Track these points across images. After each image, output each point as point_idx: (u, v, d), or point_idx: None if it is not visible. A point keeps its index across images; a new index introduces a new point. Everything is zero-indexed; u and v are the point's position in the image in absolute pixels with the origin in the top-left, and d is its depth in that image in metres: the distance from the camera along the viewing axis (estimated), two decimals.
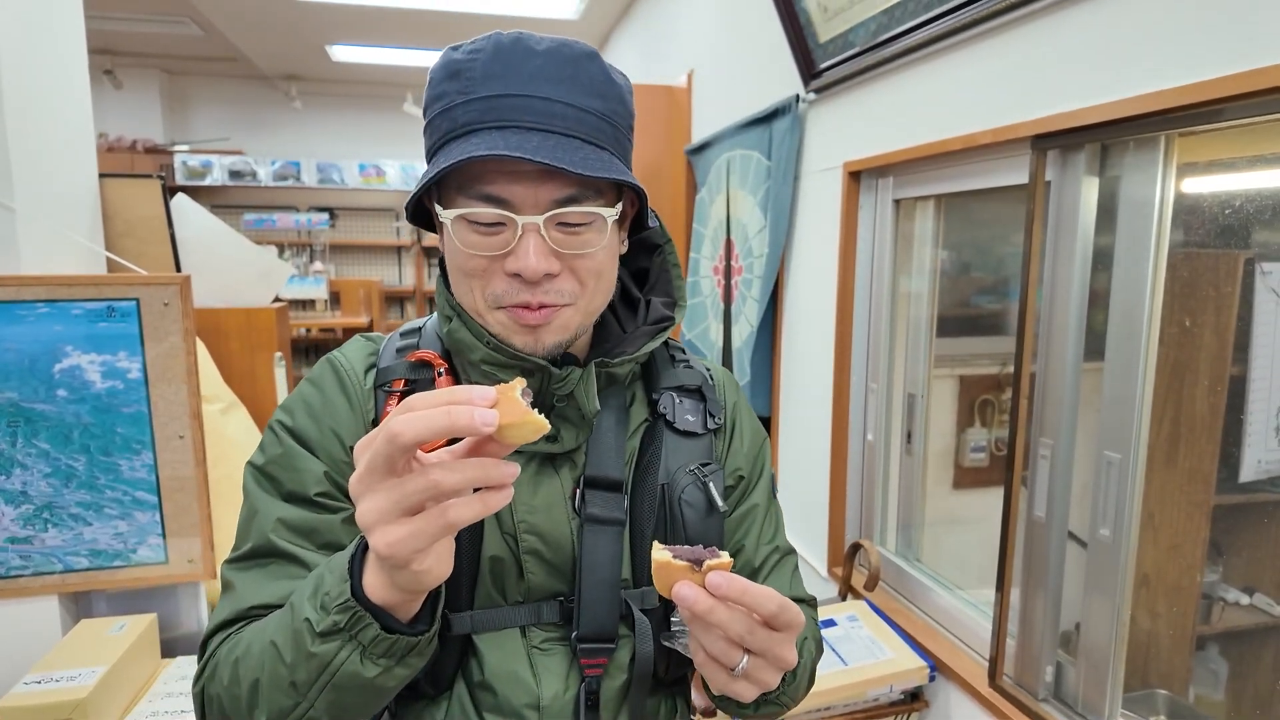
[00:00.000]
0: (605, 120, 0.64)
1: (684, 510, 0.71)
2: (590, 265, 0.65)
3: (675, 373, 0.77)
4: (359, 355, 0.72)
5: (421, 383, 0.70)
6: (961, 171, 1.45)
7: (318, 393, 0.70)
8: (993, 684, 1.33)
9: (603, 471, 0.70)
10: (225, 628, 0.64)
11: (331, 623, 0.52)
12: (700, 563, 0.53)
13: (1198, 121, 0.97)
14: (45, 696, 1.23)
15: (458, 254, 0.64)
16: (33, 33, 1.53)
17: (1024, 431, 1.26)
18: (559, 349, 0.67)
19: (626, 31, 4.09)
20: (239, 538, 0.68)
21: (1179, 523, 1.40)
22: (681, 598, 0.52)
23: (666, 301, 0.75)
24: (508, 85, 0.61)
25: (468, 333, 0.66)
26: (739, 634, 0.53)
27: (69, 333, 1.46)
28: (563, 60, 0.62)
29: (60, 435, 1.49)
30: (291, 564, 0.65)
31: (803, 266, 1.99)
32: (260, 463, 0.69)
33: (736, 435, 0.80)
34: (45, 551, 1.51)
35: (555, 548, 0.69)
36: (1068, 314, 1.20)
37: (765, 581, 0.78)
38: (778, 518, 0.83)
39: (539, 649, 0.69)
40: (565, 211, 0.62)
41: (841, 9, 1.61)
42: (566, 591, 0.70)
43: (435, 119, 0.64)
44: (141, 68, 5.80)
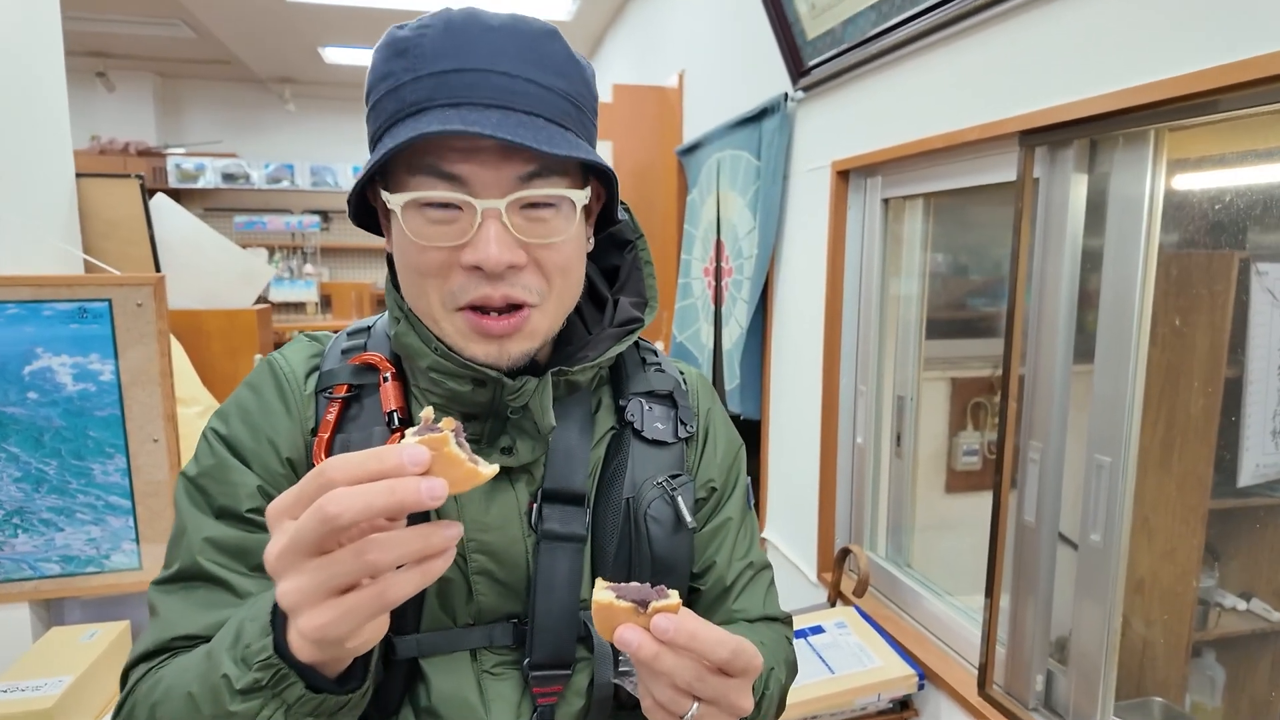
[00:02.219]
0: (569, 101, 0.59)
1: (649, 526, 0.66)
2: (557, 258, 0.60)
3: (645, 377, 0.72)
4: (300, 357, 0.67)
5: (366, 388, 0.64)
6: (950, 169, 1.42)
7: (255, 397, 0.65)
8: (982, 693, 1.30)
9: (563, 484, 0.65)
10: (147, 659, 0.59)
11: (252, 680, 0.48)
12: (646, 604, 0.49)
13: (1187, 115, 0.94)
14: (8, 707, 1.20)
15: (408, 249, 0.58)
16: (5, 33, 1.50)
17: (1013, 434, 1.24)
18: (524, 360, 0.62)
19: (619, 33, 4.07)
20: (168, 556, 0.63)
21: (1174, 527, 1.37)
22: (624, 643, 0.48)
23: (636, 302, 0.70)
24: (461, 60, 0.56)
25: (415, 337, 0.61)
26: (687, 681, 0.49)
27: (40, 334, 1.43)
28: (521, 36, 0.57)
29: (31, 439, 1.46)
30: (220, 589, 0.60)
31: (792, 267, 1.97)
32: (193, 474, 0.64)
33: (709, 444, 0.75)
34: (15, 558, 1.48)
35: (508, 567, 0.65)
36: (1057, 314, 1.17)
37: (738, 599, 0.74)
38: (752, 531, 0.78)
39: (490, 673, 0.65)
40: (530, 193, 0.57)
41: (830, 4, 1.58)
42: (521, 613, 0.65)
43: (380, 100, 0.58)
44: (134, 70, 5.78)
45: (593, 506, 0.67)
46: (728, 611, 0.73)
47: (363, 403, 0.64)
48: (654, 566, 0.66)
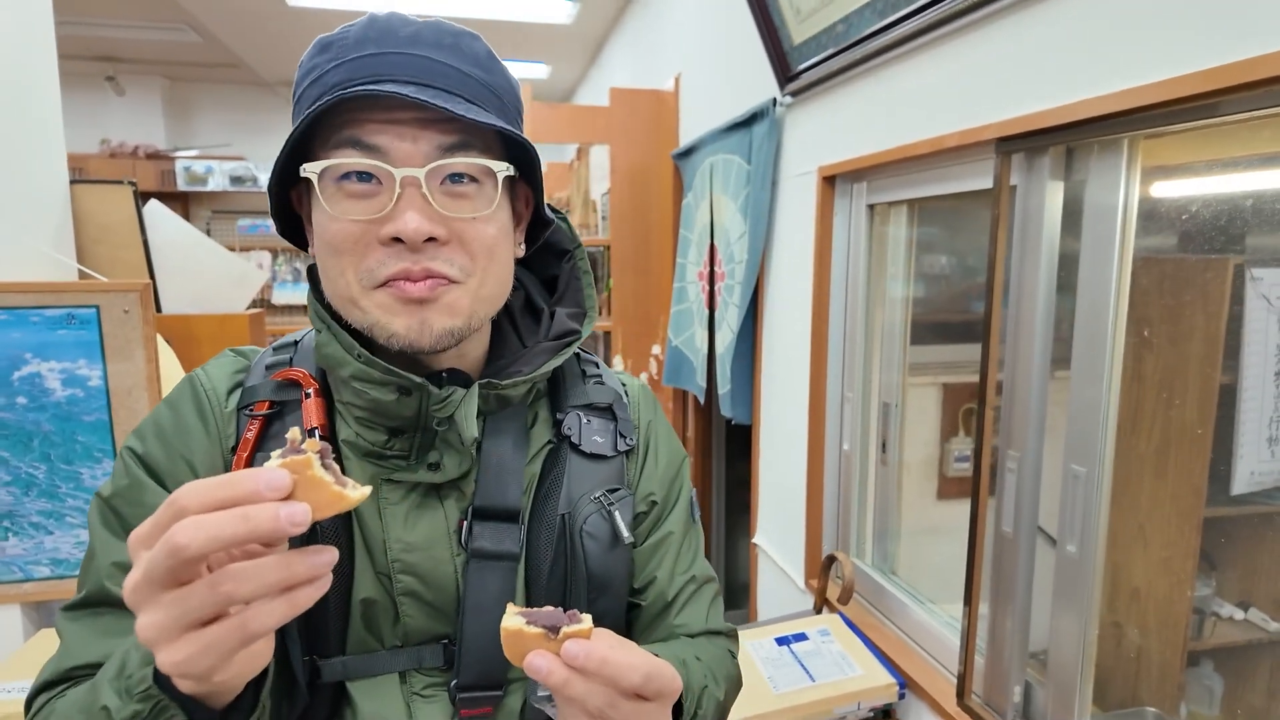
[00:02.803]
0: (490, 90, 0.59)
1: (585, 542, 0.65)
2: (480, 236, 0.58)
3: (584, 389, 0.71)
4: (223, 373, 0.65)
5: (289, 405, 0.62)
6: (931, 175, 1.41)
7: (172, 415, 0.63)
8: (961, 703, 1.29)
9: (495, 501, 0.63)
10: (48, 689, 0.57)
11: (132, 712, 0.46)
12: (557, 629, 0.49)
13: (1159, 122, 0.94)
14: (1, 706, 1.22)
15: (327, 227, 0.56)
16: None
17: (990, 442, 1.23)
18: (449, 337, 0.58)
19: (619, 37, 4.08)
20: (79, 580, 0.61)
21: (1169, 536, 1.36)
22: (534, 670, 0.47)
23: (574, 313, 0.69)
24: (382, 46, 0.56)
25: (337, 346, 0.59)
26: (598, 707, 0.49)
27: (28, 340, 1.45)
28: (442, 31, 0.58)
29: (20, 443, 1.48)
30: (126, 616, 0.56)
31: (781, 272, 1.96)
32: (107, 494, 0.62)
33: (650, 457, 0.74)
34: (6, 560, 1.50)
35: (436, 588, 0.63)
36: (1034, 321, 1.16)
37: (680, 613, 0.73)
38: (696, 544, 0.76)
39: (420, 695, 0.63)
40: (450, 161, 0.55)
41: (814, 10, 1.58)
42: (451, 634, 0.64)
43: (304, 91, 0.58)
44: (143, 74, 5.84)
45: (527, 523, 0.66)
46: (669, 627, 0.72)
47: (284, 420, 0.62)
48: (590, 584, 0.65)
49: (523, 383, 0.64)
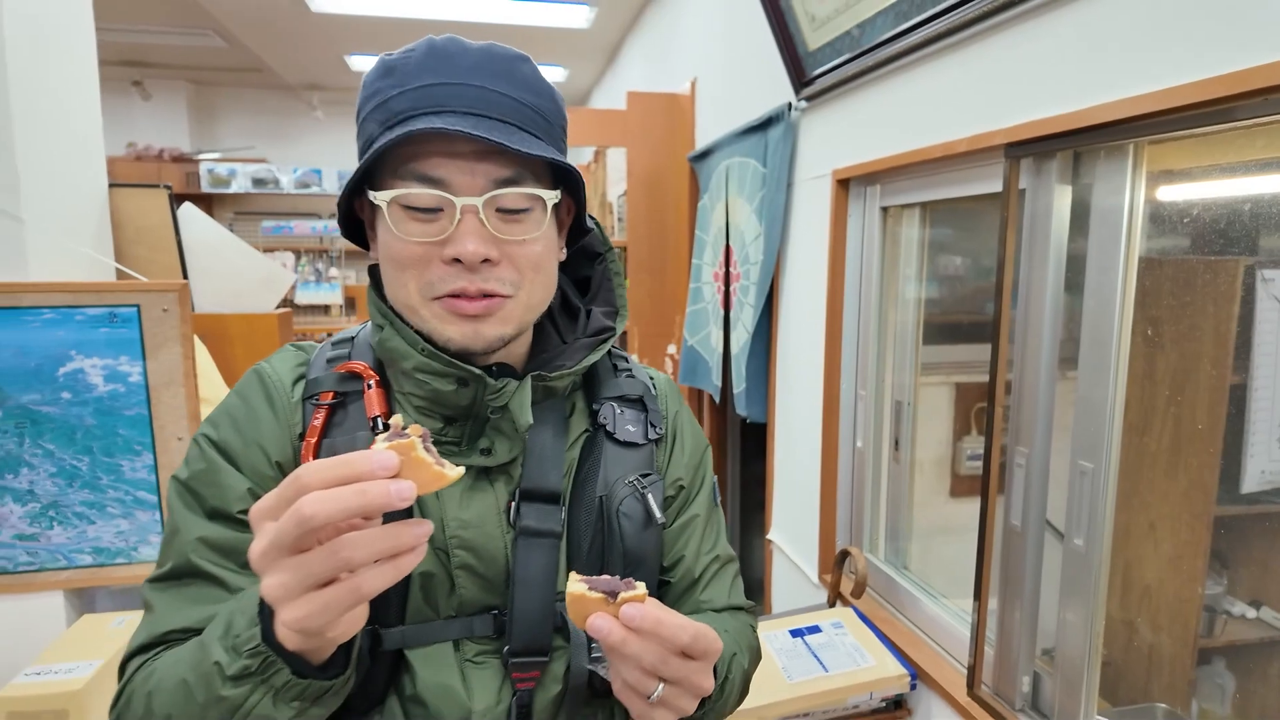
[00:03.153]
0: (539, 114, 0.64)
1: (621, 522, 0.70)
2: (529, 255, 0.64)
3: (617, 382, 0.77)
4: (287, 366, 0.70)
5: (350, 395, 0.68)
6: (943, 179, 1.45)
7: (243, 405, 0.68)
8: (971, 693, 1.32)
9: (539, 484, 0.69)
10: (143, 652, 0.63)
11: (242, 666, 0.51)
12: (615, 594, 0.54)
13: (1164, 129, 0.97)
14: (42, 688, 1.28)
15: (393, 244, 0.62)
16: (42, 45, 1.59)
17: (999, 439, 1.26)
18: (499, 343, 0.65)
19: (635, 41, 4.13)
20: (161, 555, 0.66)
21: (1180, 534, 1.38)
22: (595, 629, 0.53)
23: (608, 311, 0.75)
24: (442, 76, 0.61)
25: (400, 340, 0.65)
26: (652, 664, 0.54)
27: (73, 338, 1.52)
28: (496, 57, 0.63)
29: (65, 436, 1.54)
30: (212, 585, 0.63)
31: (796, 273, 2.00)
32: (184, 477, 0.67)
33: (677, 445, 0.79)
34: (51, 548, 1.57)
35: (488, 561, 0.68)
36: (1042, 322, 1.19)
37: (705, 590, 0.78)
38: (719, 526, 0.82)
39: (472, 662, 0.68)
40: (505, 193, 0.61)
41: (828, 18, 1.62)
42: (500, 605, 0.69)
43: (370, 114, 0.64)
44: (169, 79, 5.95)
45: (568, 504, 0.71)
46: (695, 602, 0.78)
47: (347, 409, 0.67)
48: (625, 560, 0.70)
49: (567, 375, 0.69)
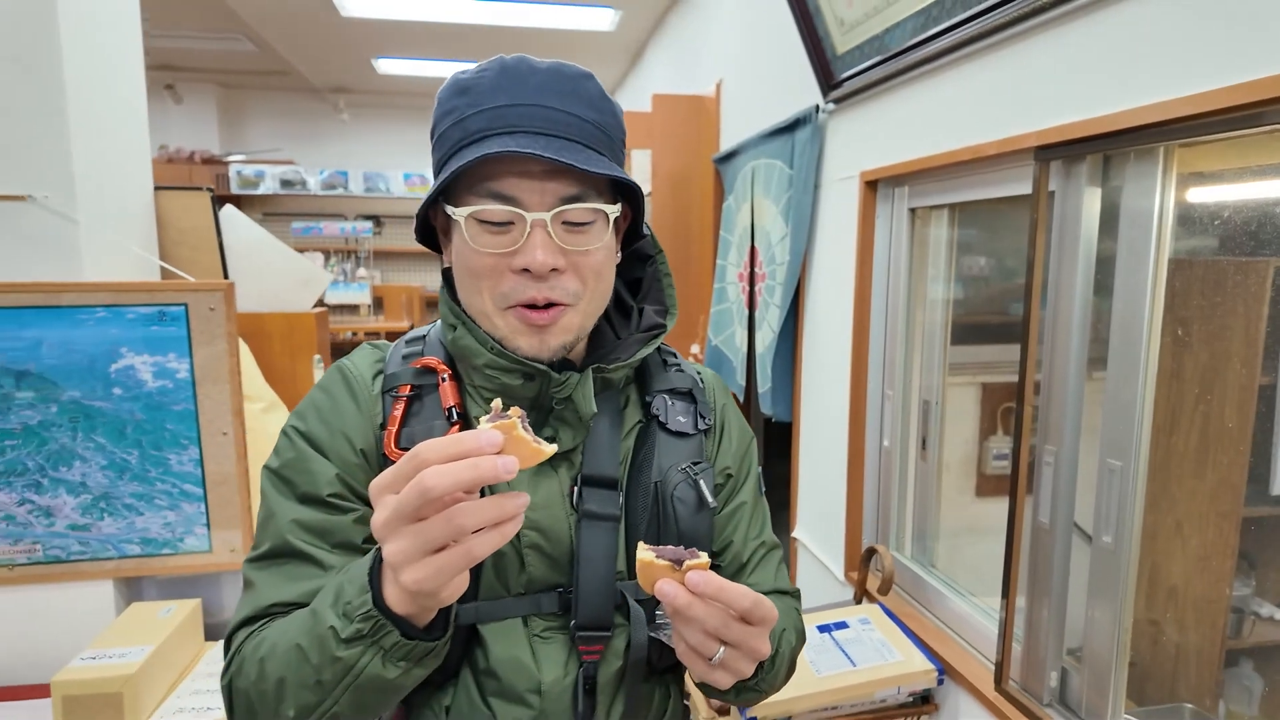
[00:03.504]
0: (601, 130, 0.69)
1: (676, 506, 0.74)
2: (591, 264, 0.69)
3: (667, 376, 0.81)
4: (366, 362, 0.76)
5: (426, 388, 0.73)
6: (971, 181, 1.47)
7: (328, 398, 0.74)
8: (999, 688, 1.34)
9: (599, 470, 0.74)
10: (248, 624, 0.68)
11: (355, 630, 0.56)
12: (681, 562, 0.58)
13: (1194, 133, 0.98)
14: (98, 671, 1.33)
15: (468, 255, 0.68)
16: (96, 55, 1.65)
17: (1028, 438, 1.28)
18: (563, 351, 0.70)
19: (659, 43, 4.16)
20: (257, 537, 0.72)
21: (1207, 534, 1.39)
22: (663, 594, 0.57)
23: (658, 309, 0.79)
24: (514, 97, 0.66)
25: (472, 339, 0.70)
26: (715, 627, 0.58)
27: (124, 335, 1.58)
28: (562, 77, 0.68)
29: (116, 430, 1.60)
30: (307, 563, 0.69)
31: (822, 274, 2.02)
32: (275, 466, 0.72)
33: (725, 436, 0.83)
34: (102, 538, 1.62)
35: (554, 542, 0.73)
36: (1071, 322, 1.21)
37: (752, 574, 0.82)
38: (764, 514, 0.86)
39: (540, 637, 0.73)
40: (571, 208, 0.66)
41: (857, 21, 1.64)
42: (565, 583, 0.74)
43: (446, 130, 0.69)
44: (200, 82, 6.07)
45: (625, 490, 0.76)
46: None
47: (423, 400, 0.73)
48: (679, 542, 0.74)
49: (623, 368, 0.74)
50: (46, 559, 1.60)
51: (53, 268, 1.57)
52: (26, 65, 1.51)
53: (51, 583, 1.61)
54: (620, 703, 0.75)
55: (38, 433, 1.57)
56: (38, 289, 1.52)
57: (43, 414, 1.57)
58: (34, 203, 1.53)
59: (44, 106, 1.52)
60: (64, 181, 1.55)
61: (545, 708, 0.72)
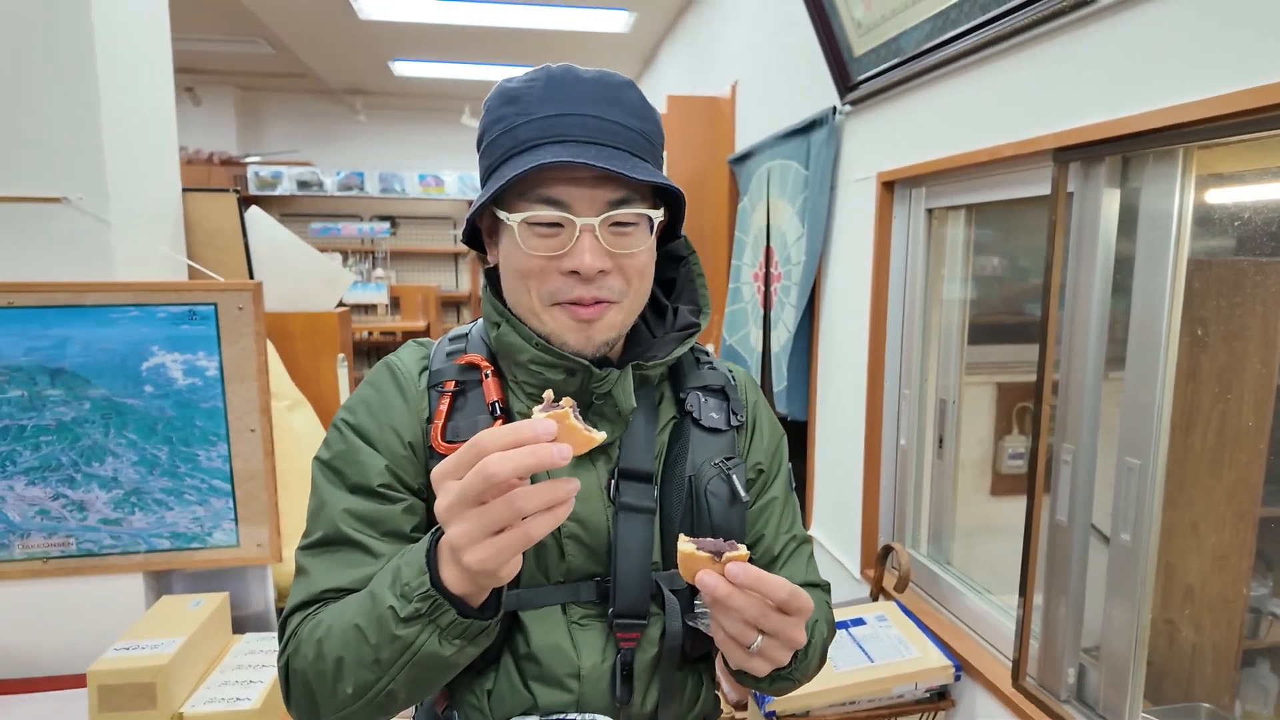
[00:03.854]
0: (644, 137, 0.72)
1: (709, 500, 0.76)
2: (635, 264, 0.72)
3: (700, 374, 0.83)
4: (413, 359, 0.79)
5: (470, 384, 0.76)
6: (989, 182, 1.48)
7: (377, 393, 0.77)
8: (1016, 684, 1.35)
9: (635, 464, 0.76)
10: (302, 609, 0.71)
11: (414, 609, 0.59)
12: (720, 554, 0.60)
13: (1215, 135, 1.00)
14: (132, 661, 1.37)
15: (518, 257, 0.71)
16: (128, 59, 1.69)
17: (1046, 437, 1.29)
18: (606, 347, 0.73)
19: (673, 45, 4.18)
20: (310, 526, 0.74)
21: (1223, 535, 1.39)
22: (703, 584, 0.59)
23: (692, 309, 0.82)
24: (563, 106, 0.69)
25: (516, 336, 0.73)
26: (754, 617, 0.60)
27: (155, 334, 1.61)
28: (607, 86, 0.71)
29: (146, 427, 1.64)
30: (358, 551, 0.71)
31: (839, 274, 2.04)
32: (326, 457, 0.76)
33: (757, 432, 0.85)
34: (132, 533, 1.66)
35: (593, 533, 0.75)
36: (1089, 322, 1.22)
37: (783, 567, 0.84)
38: (795, 509, 0.88)
39: (578, 624, 0.76)
40: (619, 213, 0.69)
41: (874, 24, 1.66)
42: (602, 573, 0.76)
43: (496, 139, 0.71)
44: (218, 85, 6.14)
45: (660, 484, 0.78)
46: None
47: (467, 395, 0.76)
48: (713, 535, 0.76)
49: (660, 365, 0.77)
50: (79, 552, 1.64)
51: (85, 268, 1.60)
52: (61, 69, 1.54)
53: (83, 576, 1.65)
54: (655, 688, 0.78)
55: (71, 429, 1.61)
56: (74, 289, 1.56)
57: (76, 410, 1.61)
58: (68, 204, 1.57)
59: (78, 110, 1.56)
60: (97, 183, 1.59)
61: (584, 691, 0.74)
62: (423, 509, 0.75)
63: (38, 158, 1.56)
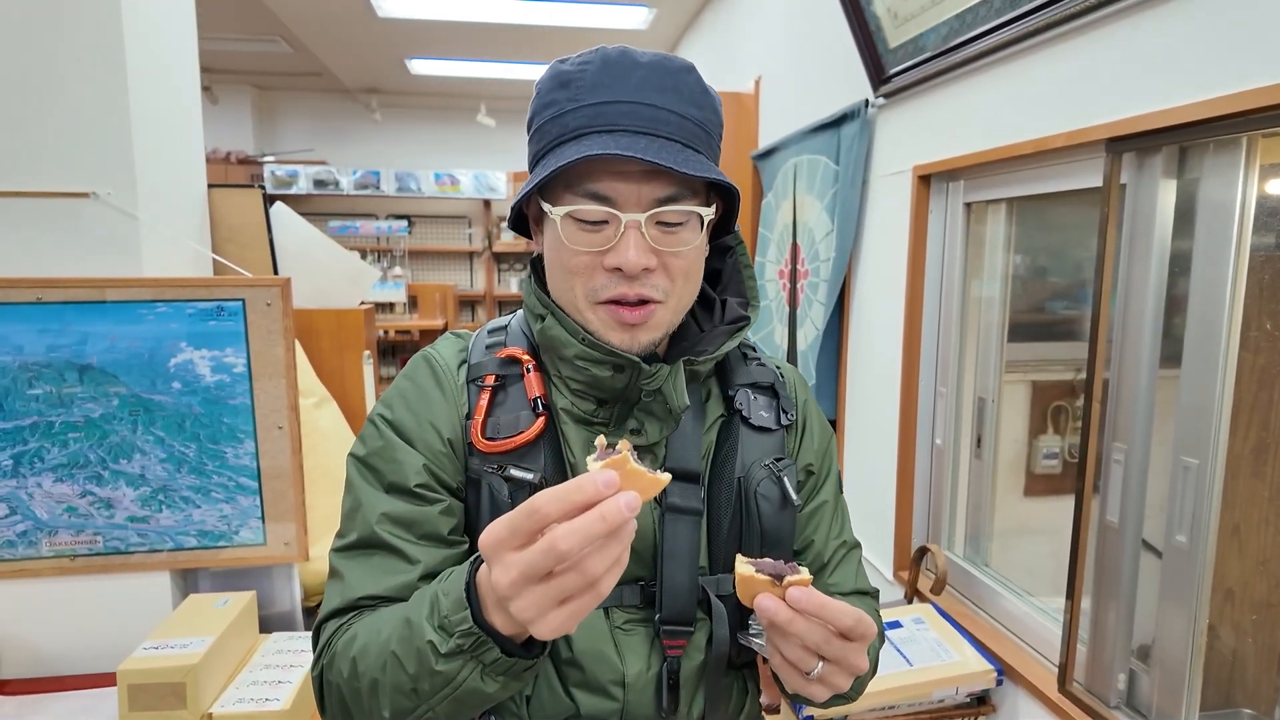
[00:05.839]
0: (701, 127, 0.69)
1: (759, 502, 0.73)
2: (682, 264, 0.69)
3: (749, 370, 0.80)
4: (451, 351, 0.77)
5: (510, 378, 0.73)
6: (1034, 174, 1.44)
7: (414, 387, 0.74)
8: (1062, 689, 1.32)
9: (683, 464, 0.73)
10: (338, 615, 0.69)
11: (455, 645, 0.56)
12: (781, 577, 0.57)
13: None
14: (161, 661, 1.35)
15: (562, 251, 0.68)
16: (156, 55, 1.68)
17: (1096, 437, 1.26)
18: (651, 347, 0.70)
19: (693, 41, 4.15)
20: (344, 526, 0.72)
21: (1268, 536, 1.36)
22: (763, 609, 0.57)
23: (741, 301, 0.78)
24: (615, 93, 0.66)
25: (561, 330, 0.70)
26: (815, 643, 0.58)
27: (183, 330, 1.60)
28: (664, 72, 0.67)
29: (174, 424, 1.62)
30: (394, 556, 0.69)
31: (870, 270, 2.00)
32: (362, 454, 0.73)
33: (807, 432, 0.82)
34: (160, 530, 1.65)
35: (638, 535, 0.71)
36: (1143, 318, 1.18)
37: (833, 574, 0.81)
38: (844, 513, 0.85)
39: (621, 629, 0.72)
40: (665, 210, 0.66)
41: (912, 14, 1.62)
42: (648, 576, 0.73)
43: (545, 125, 0.68)
44: (235, 84, 6.16)
45: (707, 484, 0.75)
46: (824, 586, 0.80)
47: (507, 390, 0.73)
48: (763, 540, 0.73)
49: (710, 359, 0.73)
50: (106, 550, 1.63)
51: (113, 263, 1.59)
52: (92, 65, 1.53)
53: (111, 574, 1.64)
54: (701, 697, 0.75)
55: (99, 425, 1.60)
56: (105, 284, 1.55)
57: (104, 407, 1.59)
58: (96, 199, 1.56)
59: (107, 106, 1.55)
60: (126, 178, 1.57)
61: (630, 700, 0.71)
62: (460, 509, 0.73)
63: (67, 153, 1.55)
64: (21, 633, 1.61)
